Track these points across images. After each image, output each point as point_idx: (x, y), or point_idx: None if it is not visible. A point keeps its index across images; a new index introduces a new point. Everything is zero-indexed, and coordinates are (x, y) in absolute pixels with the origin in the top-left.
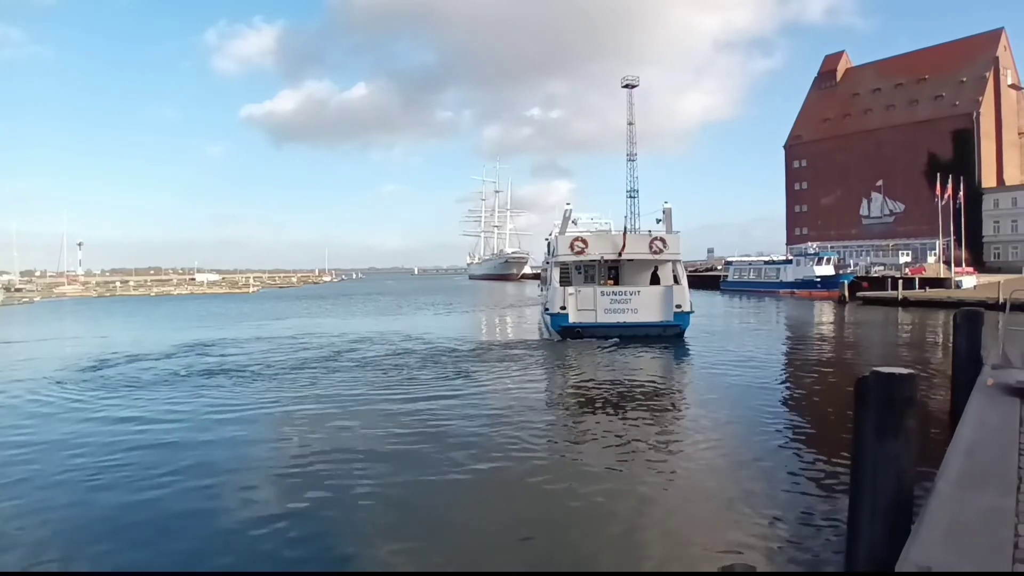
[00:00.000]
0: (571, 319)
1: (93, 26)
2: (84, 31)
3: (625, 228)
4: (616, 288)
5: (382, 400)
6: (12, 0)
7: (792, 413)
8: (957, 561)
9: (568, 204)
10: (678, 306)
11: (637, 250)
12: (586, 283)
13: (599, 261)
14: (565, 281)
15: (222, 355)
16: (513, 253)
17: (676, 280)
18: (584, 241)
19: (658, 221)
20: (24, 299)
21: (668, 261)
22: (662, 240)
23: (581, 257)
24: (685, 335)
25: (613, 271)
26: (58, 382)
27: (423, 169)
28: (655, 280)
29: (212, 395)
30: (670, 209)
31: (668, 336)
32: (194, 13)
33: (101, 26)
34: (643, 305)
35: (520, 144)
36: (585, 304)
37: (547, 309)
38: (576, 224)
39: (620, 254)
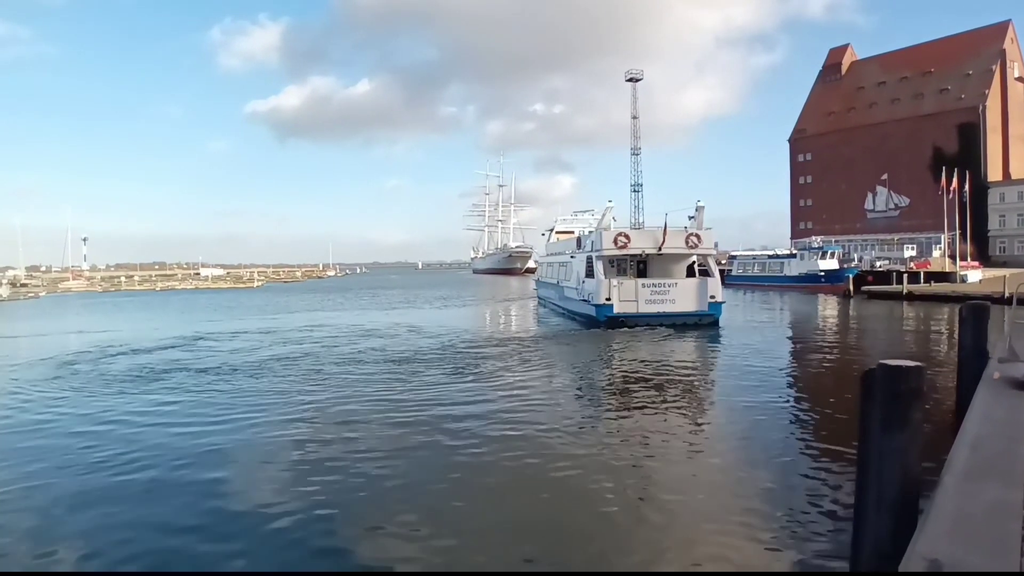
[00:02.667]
0: (615, 310)
1: (99, 24)
2: (90, 29)
3: (665, 224)
4: (656, 280)
5: (400, 394)
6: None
7: (798, 406)
8: (964, 555)
9: (610, 201)
10: (712, 297)
11: (675, 245)
12: (618, 275)
13: (639, 255)
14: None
15: (240, 349)
16: (517, 247)
17: (709, 273)
18: (627, 236)
19: (691, 218)
20: (30, 294)
21: (703, 255)
22: (697, 236)
23: (624, 251)
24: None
25: (642, 265)
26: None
27: (426, 164)
28: (684, 273)
29: (226, 389)
30: (703, 207)
31: (704, 324)
32: (200, 11)
33: (107, 24)
34: (680, 296)
35: (523, 139)
36: (627, 296)
37: (588, 300)
38: (616, 220)
39: (660, 249)
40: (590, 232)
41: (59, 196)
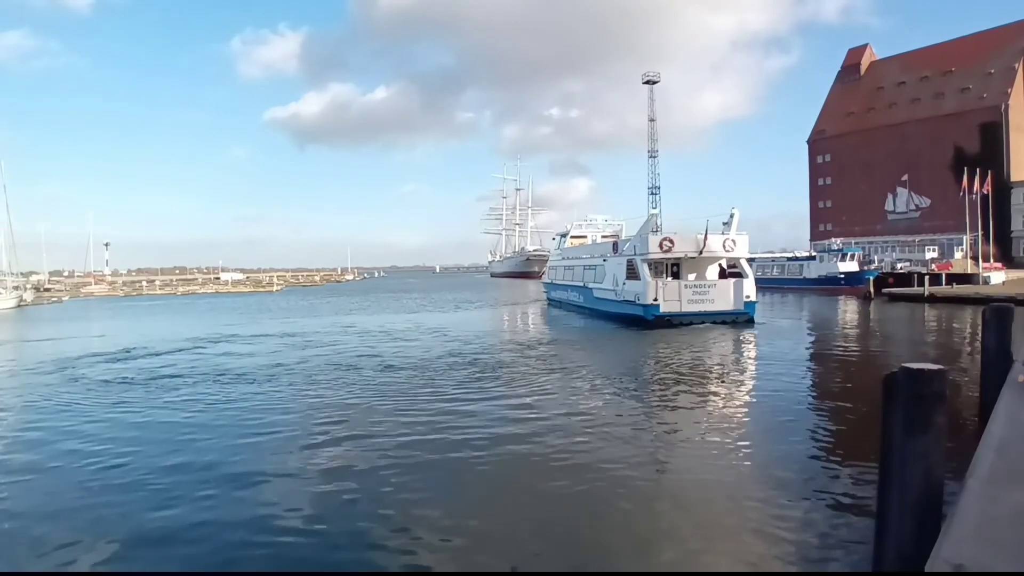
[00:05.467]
0: (662, 309)
1: (125, 35)
2: (116, 41)
3: (707, 230)
4: (697, 282)
5: (425, 396)
6: (52, 12)
7: (820, 409)
8: (989, 558)
9: (654, 209)
10: (747, 296)
11: (714, 248)
12: (656, 276)
13: (681, 258)
14: (635, 276)
15: (274, 352)
16: (535, 251)
17: (743, 274)
18: (671, 240)
19: (725, 224)
20: (53, 299)
21: (736, 258)
22: (733, 240)
23: (668, 255)
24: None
25: (675, 267)
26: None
27: (443, 169)
28: (715, 274)
29: (259, 392)
30: (737, 213)
31: (740, 322)
32: (222, 21)
33: (132, 36)
34: (719, 296)
35: (539, 143)
36: (671, 296)
37: (635, 301)
38: (662, 225)
39: (701, 252)
40: (609, 235)
41: (83, 203)
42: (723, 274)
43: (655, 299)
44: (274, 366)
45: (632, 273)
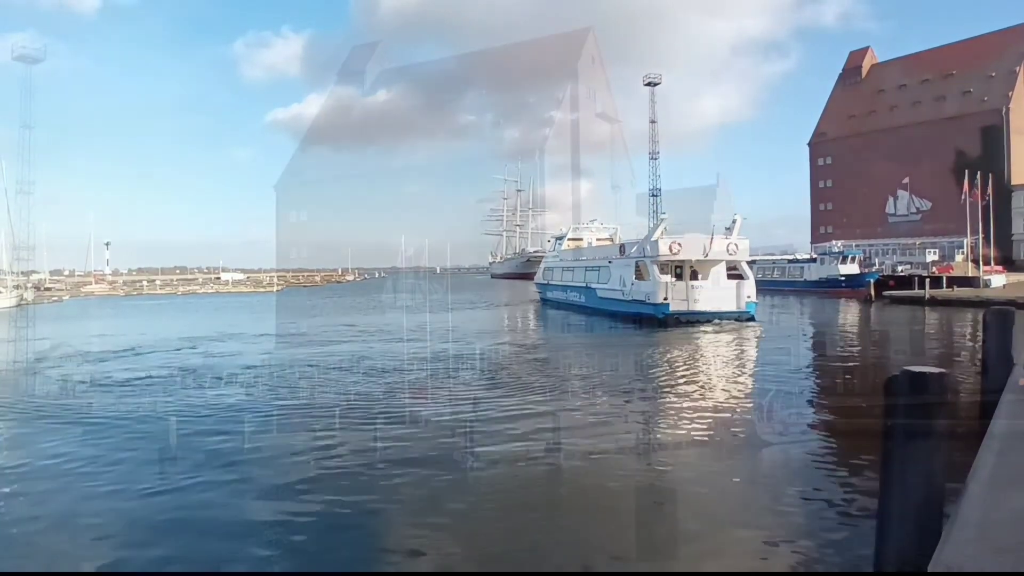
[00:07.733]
0: (671, 308)
1: (129, 38)
2: (120, 42)
3: (712, 234)
4: (703, 283)
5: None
6: (58, 15)
7: (821, 410)
8: (990, 561)
9: (664, 214)
10: (748, 297)
11: (718, 251)
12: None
13: (687, 261)
14: (642, 276)
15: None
16: (535, 252)
17: (744, 276)
18: (679, 244)
19: (727, 229)
20: (53, 298)
21: (737, 261)
22: (736, 244)
23: (676, 257)
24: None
25: (679, 268)
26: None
27: (444, 170)
28: (716, 276)
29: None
30: (739, 219)
31: (742, 320)
32: (226, 23)
33: (136, 38)
34: (723, 296)
35: (540, 145)
36: (679, 295)
37: (645, 300)
38: (669, 230)
39: (706, 255)
40: (605, 238)
41: (84, 204)
42: (736, 276)
43: (665, 298)
44: (276, 365)
45: (639, 274)
